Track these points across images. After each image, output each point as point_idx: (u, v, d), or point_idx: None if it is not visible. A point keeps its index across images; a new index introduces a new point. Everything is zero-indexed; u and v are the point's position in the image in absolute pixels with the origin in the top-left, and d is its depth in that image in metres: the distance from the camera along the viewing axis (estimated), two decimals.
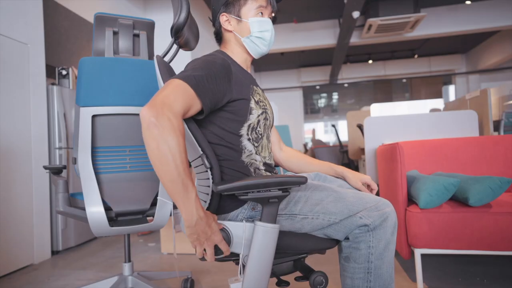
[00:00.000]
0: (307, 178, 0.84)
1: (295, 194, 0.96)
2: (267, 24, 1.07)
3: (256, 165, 1.01)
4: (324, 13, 6.79)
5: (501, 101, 5.04)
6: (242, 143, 0.99)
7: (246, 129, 1.00)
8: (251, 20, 1.06)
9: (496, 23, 6.48)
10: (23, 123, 2.35)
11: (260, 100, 1.05)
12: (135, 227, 1.42)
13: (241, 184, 0.82)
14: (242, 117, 0.99)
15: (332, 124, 6.19)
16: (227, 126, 0.98)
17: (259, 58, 1.13)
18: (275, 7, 1.10)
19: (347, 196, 0.94)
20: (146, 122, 0.76)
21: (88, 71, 1.37)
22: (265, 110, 1.05)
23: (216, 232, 0.83)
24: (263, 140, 1.05)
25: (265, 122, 1.05)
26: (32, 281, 2.05)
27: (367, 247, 0.90)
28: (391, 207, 0.94)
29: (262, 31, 1.06)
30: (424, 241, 1.54)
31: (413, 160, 2.06)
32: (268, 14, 1.09)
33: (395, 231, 0.93)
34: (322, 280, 0.94)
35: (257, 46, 1.08)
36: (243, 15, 1.07)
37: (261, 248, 0.84)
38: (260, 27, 1.06)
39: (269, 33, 1.07)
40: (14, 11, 2.32)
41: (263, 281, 0.85)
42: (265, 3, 1.07)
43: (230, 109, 0.97)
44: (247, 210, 0.95)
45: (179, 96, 0.83)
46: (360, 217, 0.90)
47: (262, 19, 1.06)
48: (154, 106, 0.77)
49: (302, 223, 0.94)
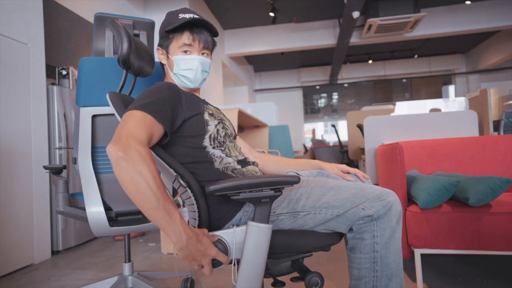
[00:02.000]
0: (300, 178, 0.84)
1: (296, 191, 0.96)
2: (190, 62, 1.07)
3: (232, 167, 1.02)
4: (324, 13, 6.79)
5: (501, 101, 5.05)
6: (209, 152, 1.00)
7: (208, 140, 1.01)
8: (174, 58, 1.08)
9: (496, 23, 6.49)
10: (23, 123, 2.35)
11: (213, 113, 1.07)
12: (135, 227, 1.42)
13: (233, 184, 0.82)
14: (201, 131, 1.01)
15: (332, 124, 6.19)
16: (190, 143, 0.99)
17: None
18: (208, 42, 1.09)
19: (348, 188, 0.94)
20: (114, 157, 0.76)
21: (88, 71, 1.37)
22: (221, 121, 1.08)
23: (210, 247, 0.82)
24: (227, 143, 1.06)
25: (225, 131, 1.07)
26: (32, 281, 2.05)
27: (371, 236, 0.90)
28: (395, 196, 0.93)
29: (185, 69, 1.08)
30: (424, 241, 1.54)
31: (413, 160, 2.06)
32: (198, 51, 1.08)
33: (400, 220, 0.93)
34: (318, 281, 0.93)
35: (183, 82, 1.10)
36: (171, 52, 1.09)
37: (255, 248, 0.84)
38: (183, 65, 1.07)
39: (191, 71, 1.07)
40: (14, 11, 2.32)
41: (257, 280, 0.85)
42: (189, 41, 1.06)
43: (187, 126, 0.99)
44: (250, 213, 0.95)
45: (140, 125, 0.84)
46: (363, 208, 0.90)
47: (185, 57, 1.07)
48: (119, 141, 0.78)
49: (304, 219, 0.94)
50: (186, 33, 1.06)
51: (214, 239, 0.86)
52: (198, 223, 0.93)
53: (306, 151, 8.69)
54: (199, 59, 1.08)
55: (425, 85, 11.23)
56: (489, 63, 8.85)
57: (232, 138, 1.13)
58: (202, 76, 1.11)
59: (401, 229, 0.93)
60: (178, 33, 1.07)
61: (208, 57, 1.12)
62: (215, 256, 0.82)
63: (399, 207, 0.93)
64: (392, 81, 11.33)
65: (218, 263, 0.85)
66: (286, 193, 0.96)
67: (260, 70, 10.90)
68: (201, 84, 1.13)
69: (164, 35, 1.11)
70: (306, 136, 11.09)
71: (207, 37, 1.09)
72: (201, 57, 1.09)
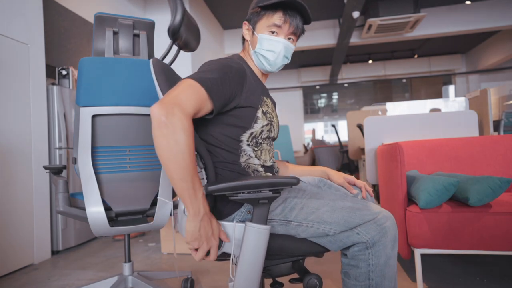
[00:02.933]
0: (298, 179, 0.82)
1: (291, 201, 0.94)
2: (275, 44, 1.04)
3: (254, 168, 1.00)
4: (324, 13, 6.79)
5: (501, 101, 5.05)
6: (242, 147, 0.99)
7: (247, 136, 0.99)
8: (260, 36, 1.04)
9: (496, 23, 6.49)
10: (23, 123, 2.35)
11: (268, 112, 1.04)
12: (135, 227, 1.42)
13: (231, 185, 0.81)
14: (246, 124, 0.98)
15: (332, 124, 6.19)
16: (229, 132, 0.97)
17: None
18: (298, 28, 1.05)
19: (344, 206, 0.91)
20: (157, 120, 0.75)
21: (88, 71, 1.37)
22: (270, 122, 1.04)
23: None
24: (263, 145, 1.04)
25: (268, 134, 1.04)
26: (32, 281, 2.05)
27: (366, 265, 0.88)
28: (391, 219, 0.91)
29: (267, 50, 1.05)
30: (424, 241, 1.54)
31: (413, 160, 2.06)
32: (285, 35, 1.04)
33: (395, 245, 0.91)
34: (316, 283, 0.93)
35: (261, 63, 1.08)
36: (257, 29, 1.05)
37: (252, 249, 0.84)
38: (266, 45, 1.04)
39: (273, 54, 1.04)
40: (14, 11, 2.32)
41: (254, 281, 0.85)
42: (280, 22, 1.02)
43: (236, 114, 0.97)
44: (244, 214, 0.95)
45: (191, 96, 0.82)
46: (358, 233, 0.88)
47: (271, 37, 1.04)
48: (165, 105, 0.76)
49: (296, 230, 0.92)
50: (279, 14, 1.02)
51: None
52: None
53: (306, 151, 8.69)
54: (284, 43, 1.04)
55: (425, 85, 11.23)
56: (489, 63, 8.85)
57: (271, 141, 1.09)
58: (282, 62, 1.08)
59: (396, 254, 0.91)
60: (270, 11, 1.03)
61: (294, 43, 1.08)
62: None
63: (394, 232, 0.90)
64: (392, 81, 11.33)
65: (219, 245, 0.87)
66: (281, 200, 0.95)
67: None
68: (278, 70, 1.10)
69: (255, 10, 1.06)
70: (306, 136, 11.09)
71: (299, 22, 1.05)
72: (286, 41, 1.05)
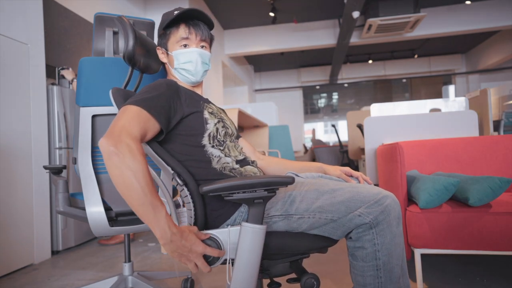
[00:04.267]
0: (294, 179, 0.82)
1: (291, 194, 0.94)
2: (189, 55, 1.07)
3: (230, 167, 1.01)
4: (324, 13, 6.79)
5: (501, 101, 5.05)
6: (208, 151, 1.00)
7: (207, 139, 1.00)
8: (174, 53, 1.09)
9: (496, 23, 6.49)
10: (23, 123, 2.35)
11: (214, 112, 1.06)
12: (135, 227, 1.42)
13: (226, 185, 0.81)
14: (199, 129, 1.00)
15: (332, 124, 6.19)
16: (188, 141, 0.99)
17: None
18: (205, 34, 1.09)
19: (343, 192, 0.90)
20: (106, 152, 0.77)
21: (88, 71, 1.37)
22: (221, 119, 1.07)
23: (197, 243, 0.81)
24: (227, 143, 1.05)
25: (225, 130, 1.06)
26: (32, 281, 2.05)
27: (372, 245, 0.88)
28: (392, 197, 0.90)
29: (185, 62, 1.08)
30: (424, 241, 1.54)
31: (413, 160, 2.06)
32: (196, 44, 1.08)
33: (400, 222, 0.90)
34: (313, 283, 0.93)
35: (184, 76, 1.11)
36: (170, 49, 1.10)
37: (249, 248, 0.83)
38: (182, 58, 1.08)
39: (192, 64, 1.08)
40: (14, 11, 2.32)
41: (251, 281, 0.84)
42: (186, 34, 1.06)
43: (186, 124, 0.99)
44: (244, 213, 0.94)
45: (134, 120, 0.84)
46: (359, 214, 0.87)
47: (183, 51, 1.07)
48: (112, 135, 0.79)
49: (298, 222, 0.92)
50: (182, 27, 1.07)
51: (205, 237, 0.85)
52: (194, 222, 0.92)
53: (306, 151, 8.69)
54: (198, 51, 1.08)
55: (425, 85, 11.23)
56: (489, 63, 8.85)
57: (234, 138, 1.11)
58: (203, 68, 1.11)
59: (401, 231, 0.91)
60: (174, 28, 1.08)
61: (207, 49, 1.12)
62: (203, 252, 0.81)
63: (398, 209, 0.90)
64: (392, 81, 11.33)
65: (213, 260, 0.84)
66: (281, 195, 0.95)
67: (260, 70, 10.90)
68: (202, 77, 1.13)
69: (161, 33, 1.11)
70: (306, 136, 11.09)
71: (203, 29, 1.09)
72: (199, 49, 1.09)
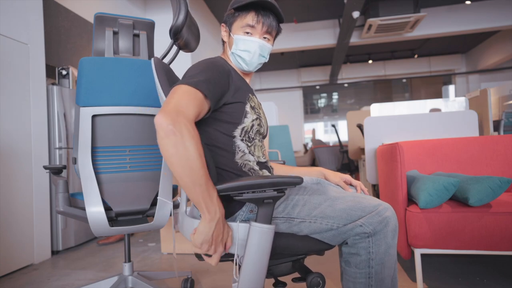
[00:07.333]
0: (302, 179, 0.83)
1: (293, 198, 0.95)
2: (249, 44, 1.06)
3: (250, 166, 1.01)
4: (324, 13, 6.79)
5: (501, 101, 5.05)
6: (235, 143, 1.00)
7: (239, 131, 1.00)
8: (235, 37, 1.07)
9: (496, 23, 6.49)
10: (23, 123, 2.35)
11: (255, 107, 1.06)
12: (135, 227, 1.42)
13: (236, 184, 0.82)
14: (237, 120, 1.00)
15: (332, 124, 6.19)
16: (222, 128, 0.99)
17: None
18: (272, 27, 1.07)
19: (345, 200, 0.92)
20: (164, 129, 0.76)
21: (88, 71, 1.37)
22: (259, 117, 1.06)
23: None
24: (256, 141, 1.06)
25: (259, 128, 1.06)
26: (32, 281, 2.05)
27: (367, 252, 0.90)
28: (391, 210, 0.92)
29: (242, 50, 1.07)
30: (424, 241, 1.54)
31: (413, 160, 2.06)
32: (260, 34, 1.06)
33: (395, 235, 0.92)
34: (319, 282, 0.93)
35: (238, 63, 1.10)
36: (233, 30, 1.08)
37: (257, 249, 0.84)
38: (242, 46, 1.06)
39: (249, 54, 1.07)
40: (14, 11, 2.32)
41: (259, 282, 0.85)
42: (253, 22, 1.04)
43: (225, 110, 0.99)
44: (245, 213, 0.95)
45: (191, 102, 0.84)
46: (361, 225, 0.89)
47: (245, 38, 1.06)
48: (169, 113, 0.77)
49: (299, 227, 0.93)
50: (251, 14, 1.05)
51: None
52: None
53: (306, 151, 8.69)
54: (259, 42, 1.06)
55: (425, 85, 11.23)
56: (489, 63, 8.85)
57: (262, 138, 1.12)
58: (259, 61, 1.09)
59: (396, 244, 0.92)
60: (243, 12, 1.05)
61: (269, 42, 1.10)
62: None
63: (395, 222, 0.92)
64: (392, 81, 11.34)
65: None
66: (283, 198, 0.96)
67: (260, 70, 10.89)
68: (256, 68, 1.12)
69: (230, 12, 1.09)
70: (306, 136, 11.09)
71: (272, 21, 1.07)
72: (261, 40, 1.07)
